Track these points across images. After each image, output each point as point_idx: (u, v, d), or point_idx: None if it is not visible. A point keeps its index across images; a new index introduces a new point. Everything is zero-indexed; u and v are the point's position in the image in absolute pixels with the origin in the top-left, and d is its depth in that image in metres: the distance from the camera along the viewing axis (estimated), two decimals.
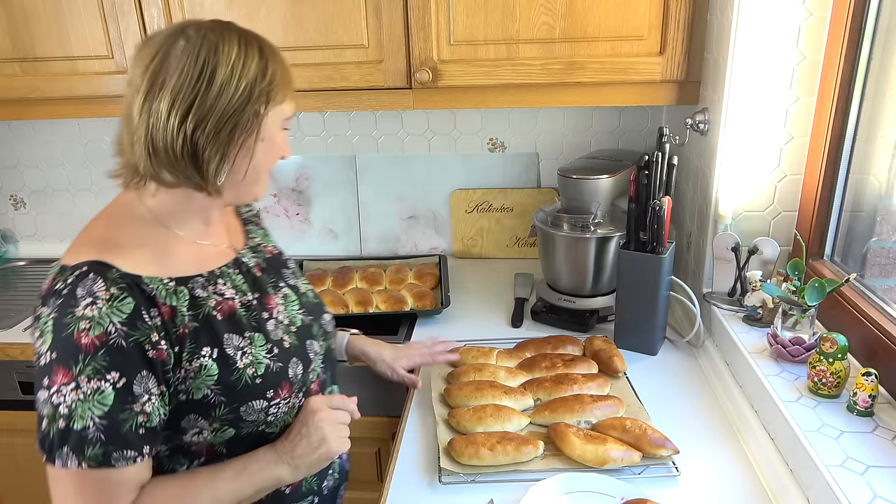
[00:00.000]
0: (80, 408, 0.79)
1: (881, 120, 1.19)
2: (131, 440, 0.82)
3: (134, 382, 0.82)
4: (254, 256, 1.05)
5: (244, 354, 0.92)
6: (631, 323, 1.44)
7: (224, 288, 0.95)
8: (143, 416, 0.83)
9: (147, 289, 0.85)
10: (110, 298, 0.81)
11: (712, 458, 1.12)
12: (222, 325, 0.92)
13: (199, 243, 0.96)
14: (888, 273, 1.20)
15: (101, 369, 0.80)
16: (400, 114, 1.94)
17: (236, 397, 0.90)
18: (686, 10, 1.41)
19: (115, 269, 0.84)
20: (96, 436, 0.79)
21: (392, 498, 1.06)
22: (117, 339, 0.81)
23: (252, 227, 1.14)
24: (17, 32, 1.58)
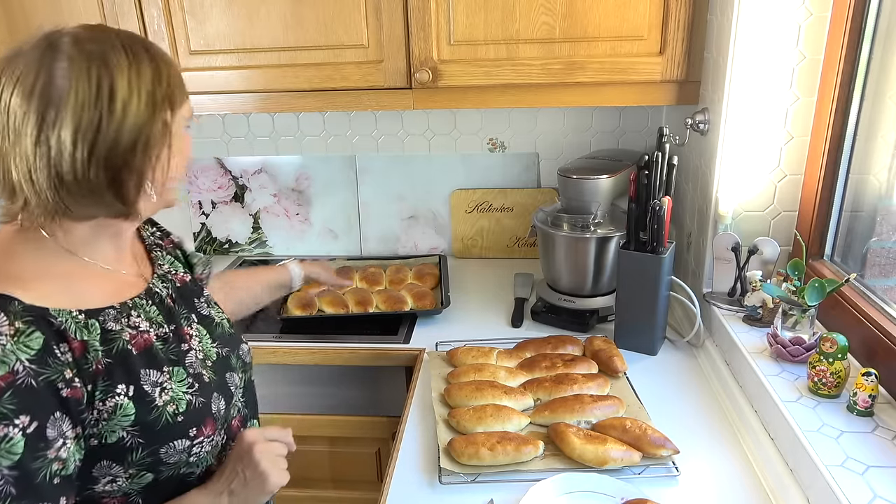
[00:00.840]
0: None
1: (881, 120, 1.19)
2: (46, 492, 0.72)
3: (47, 426, 0.72)
4: (164, 286, 0.95)
5: (163, 391, 0.84)
6: (631, 323, 1.44)
7: (138, 320, 0.86)
8: (59, 462, 0.73)
9: (55, 322, 0.76)
10: (15, 333, 0.72)
11: (712, 458, 1.12)
12: (138, 359, 0.83)
13: (107, 271, 0.87)
14: (888, 273, 1.20)
15: (7, 413, 0.69)
16: (400, 114, 1.94)
17: (156, 438, 0.82)
18: (686, 10, 1.41)
19: (16, 301, 0.74)
20: (6, 490, 0.69)
21: (392, 498, 1.06)
22: (26, 379, 0.71)
23: (158, 253, 1.02)
24: (17, 33, 1.58)
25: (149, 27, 1.55)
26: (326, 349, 1.53)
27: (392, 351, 1.52)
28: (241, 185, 2.06)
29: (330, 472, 1.68)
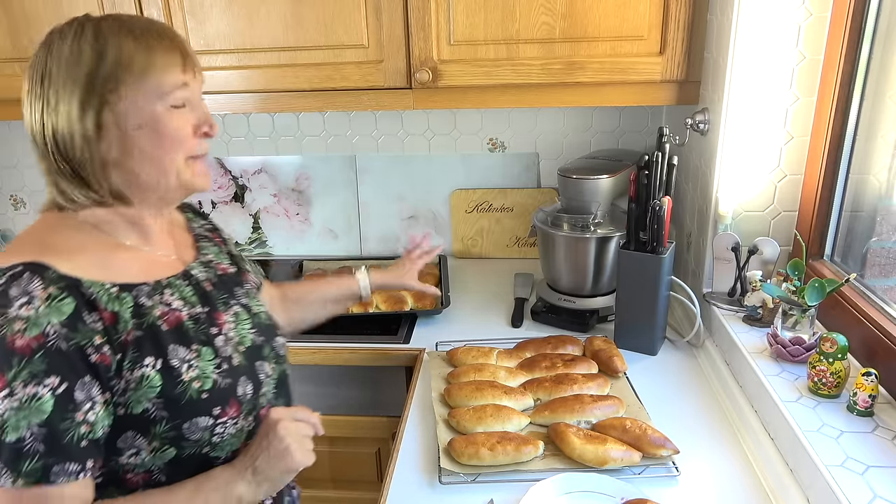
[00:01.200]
0: (15, 417, 0.72)
1: (881, 120, 1.19)
2: (73, 452, 0.74)
3: (75, 388, 0.75)
4: (204, 271, 0.98)
5: (190, 367, 0.85)
6: (631, 323, 1.44)
7: (171, 298, 0.88)
8: (87, 426, 0.76)
9: (87, 292, 0.79)
10: (48, 298, 0.75)
11: (712, 458, 1.12)
12: (168, 335, 0.85)
13: (144, 251, 0.90)
14: (888, 273, 1.20)
15: (38, 374, 0.73)
16: (400, 114, 1.94)
17: (180, 412, 0.83)
18: (686, 10, 1.41)
19: (52, 269, 0.78)
20: (34, 447, 0.72)
21: (392, 498, 1.06)
22: (56, 342, 0.74)
23: (205, 244, 1.05)
24: (18, 33, 1.58)
25: None
26: (326, 349, 1.53)
27: (392, 351, 1.52)
28: (241, 185, 2.06)
29: (330, 472, 1.68)
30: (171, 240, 0.97)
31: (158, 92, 0.82)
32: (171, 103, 0.83)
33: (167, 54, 0.82)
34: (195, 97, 0.87)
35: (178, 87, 0.83)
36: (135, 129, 0.82)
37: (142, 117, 0.82)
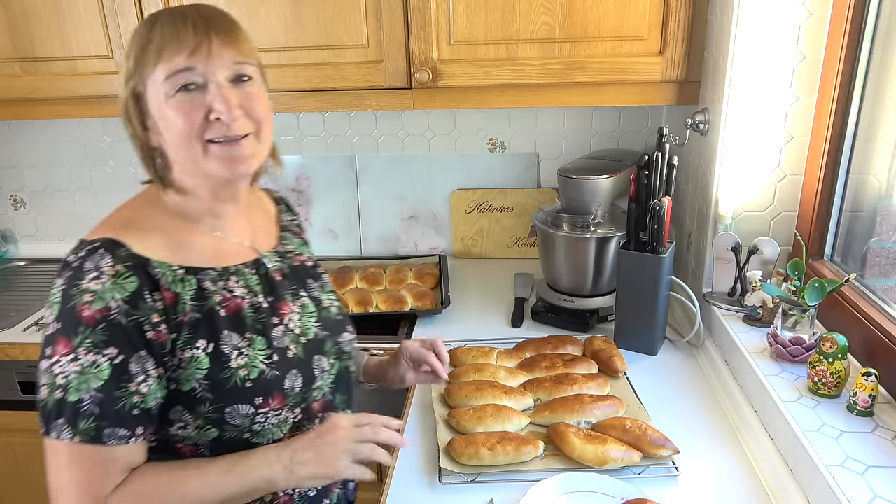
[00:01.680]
0: (77, 380, 0.79)
1: (881, 120, 1.19)
2: (124, 419, 0.81)
3: (131, 361, 0.81)
4: (277, 261, 1.01)
5: (240, 355, 0.89)
6: (631, 323, 1.44)
7: (234, 286, 0.92)
8: (139, 396, 0.82)
9: (153, 272, 0.85)
10: (115, 275, 0.81)
11: (712, 458, 1.12)
12: (224, 321, 0.89)
13: (219, 237, 0.94)
14: (888, 273, 1.20)
15: (99, 343, 0.80)
16: (400, 114, 1.94)
17: (223, 396, 0.87)
18: (686, 10, 1.41)
19: (125, 248, 0.84)
20: (90, 409, 0.79)
21: (392, 498, 1.06)
22: (118, 316, 0.81)
23: (288, 235, 1.09)
24: (18, 33, 1.58)
25: None
26: None
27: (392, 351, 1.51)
28: None
29: None
30: (249, 228, 1.00)
31: (162, 78, 0.84)
32: (175, 87, 0.83)
33: (180, 41, 0.83)
34: (213, 81, 0.84)
35: (178, 72, 0.83)
36: (158, 117, 0.86)
37: (158, 106, 0.85)
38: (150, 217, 0.90)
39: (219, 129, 0.85)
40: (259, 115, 0.89)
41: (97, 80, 1.61)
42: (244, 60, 0.87)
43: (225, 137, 0.86)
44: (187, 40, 0.83)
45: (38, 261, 2.14)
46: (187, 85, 0.83)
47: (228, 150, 0.87)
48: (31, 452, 1.73)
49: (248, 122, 0.88)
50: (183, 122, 0.84)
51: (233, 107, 0.85)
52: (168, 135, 0.86)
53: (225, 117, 0.84)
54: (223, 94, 0.84)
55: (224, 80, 0.85)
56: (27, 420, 1.69)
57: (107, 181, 2.10)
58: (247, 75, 0.87)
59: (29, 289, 1.97)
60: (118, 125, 2.02)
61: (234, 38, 0.86)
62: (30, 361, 1.63)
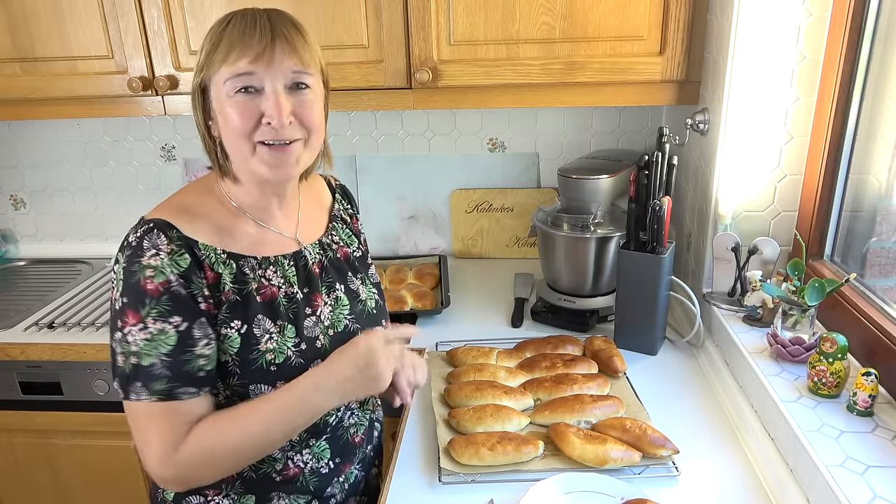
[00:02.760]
0: (148, 347, 0.87)
1: (881, 120, 1.19)
2: (193, 379, 0.90)
3: (194, 327, 0.90)
4: (319, 253, 1.06)
5: (270, 339, 0.95)
6: (631, 323, 1.44)
7: (272, 275, 0.98)
8: (204, 358, 0.91)
9: (199, 253, 0.92)
10: (171, 252, 0.89)
11: (712, 458, 1.12)
12: (259, 306, 0.96)
13: (262, 228, 1.00)
14: (888, 273, 1.20)
15: (165, 312, 0.88)
16: (400, 114, 1.94)
17: (249, 374, 0.94)
18: (686, 10, 1.41)
19: (176, 229, 0.91)
20: (162, 372, 0.88)
21: (392, 498, 1.06)
22: (178, 288, 0.89)
23: (338, 226, 1.14)
24: (18, 32, 1.58)
25: (149, 27, 1.55)
26: None
27: None
28: None
29: None
30: (295, 219, 1.06)
31: (225, 78, 0.90)
32: (235, 89, 0.89)
33: (245, 44, 0.88)
34: (271, 88, 0.90)
35: (238, 75, 0.89)
36: (218, 111, 0.93)
37: (219, 102, 0.92)
38: (201, 203, 0.98)
39: (269, 133, 0.91)
40: (310, 122, 0.94)
41: (97, 80, 1.61)
42: (303, 70, 0.92)
43: (273, 140, 0.92)
44: (252, 46, 0.88)
45: (38, 261, 2.15)
46: (247, 87, 0.90)
47: (275, 153, 0.92)
48: (31, 452, 1.73)
49: (299, 129, 0.93)
50: (238, 122, 0.90)
51: (284, 114, 0.90)
52: (224, 130, 0.93)
53: (275, 123, 0.90)
54: (278, 100, 0.90)
55: (281, 88, 0.91)
56: (27, 420, 1.69)
57: (107, 181, 2.10)
58: (304, 83, 0.93)
59: (29, 289, 1.97)
60: (118, 125, 2.04)
61: (296, 48, 0.91)
62: (30, 361, 1.63)
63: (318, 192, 1.16)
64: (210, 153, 0.98)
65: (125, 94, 1.60)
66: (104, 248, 2.16)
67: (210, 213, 0.97)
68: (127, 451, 1.68)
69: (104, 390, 1.64)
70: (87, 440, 1.70)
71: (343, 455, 1.08)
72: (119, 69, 1.60)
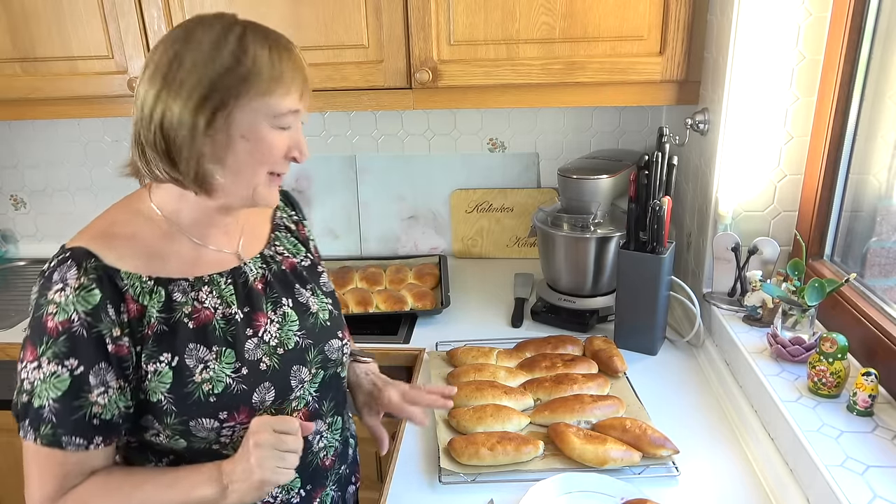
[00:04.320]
0: (40, 387, 0.81)
1: (881, 120, 1.19)
2: (82, 428, 0.82)
3: (90, 373, 0.81)
4: (261, 267, 0.98)
5: (205, 369, 0.87)
6: (631, 323, 1.44)
7: (206, 296, 0.91)
8: (98, 406, 0.82)
9: (121, 284, 0.84)
10: (79, 287, 0.81)
11: (712, 458, 1.12)
12: (191, 333, 0.88)
13: (198, 245, 0.92)
14: (888, 273, 1.20)
15: (60, 354, 0.80)
16: (400, 114, 1.94)
17: (186, 410, 0.86)
18: (686, 10, 1.41)
19: (95, 258, 0.83)
20: (49, 417, 0.81)
21: (392, 498, 1.06)
22: (79, 328, 0.81)
23: (281, 235, 1.06)
24: (18, 32, 1.58)
25: (149, 27, 1.55)
26: None
27: (392, 351, 1.52)
28: None
29: None
30: (239, 233, 0.98)
31: (273, 112, 0.84)
32: (279, 125, 0.86)
33: (292, 81, 0.85)
34: (297, 122, 0.89)
35: (290, 113, 0.86)
36: (240, 137, 0.84)
37: (249, 129, 0.84)
38: (129, 223, 0.89)
39: (285, 167, 0.90)
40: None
41: (97, 80, 1.61)
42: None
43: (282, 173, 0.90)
44: (298, 82, 0.86)
45: (38, 261, 2.15)
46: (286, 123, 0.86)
47: (276, 183, 0.91)
48: None
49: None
50: (272, 155, 0.86)
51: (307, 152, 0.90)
52: (245, 156, 0.85)
53: (301, 159, 0.89)
54: (302, 136, 0.90)
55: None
56: None
57: (107, 181, 2.10)
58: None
59: (29, 289, 1.95)
60: (118, 125, 2.04)
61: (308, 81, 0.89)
62: None
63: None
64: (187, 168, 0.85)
65: (125, 94, 1.60)
66: None
67: (138, 233, 0.89)
68: None
69: None
70: None
71: (314, 481, 1.02)
72: (119, 69, 1.60)
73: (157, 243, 0.89)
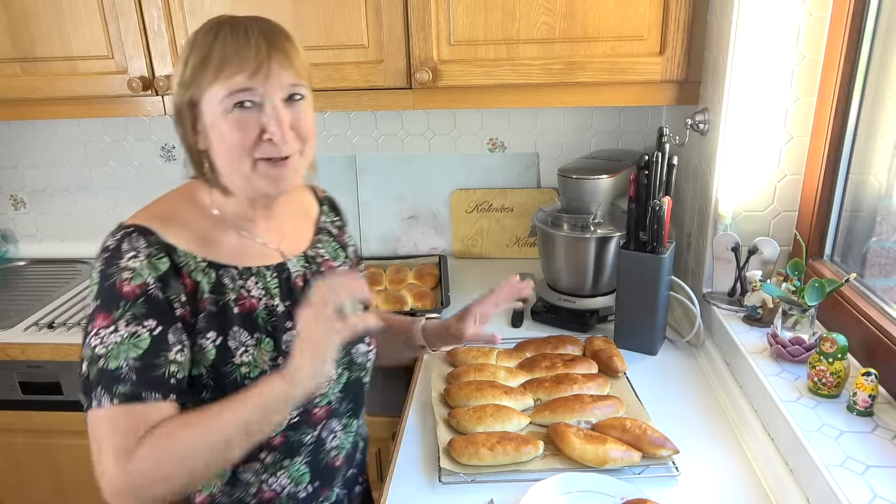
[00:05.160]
0: (116, 350, 0.83)
1: (881, 120, 1.19)
2: (161, 384, 0.85)
3: (169, 332, 0.86)
4: (304, 266, 1.03)
5: (245, 352, 0.92)
6: (631, 323, 1.44)
7: (252, 286, 0.95)
8: (175, 364, 0.87)
9: (178, 259, 0.90)
10: (149, 255, 0.87)
11: (712, 458, 1.12)
12: (236, 318, 0.92)
13: (244, 237, 0.98)
14: (888, 273, 1.20)
15: (139, 315, 0.85)
16: (400, 114, 1.94)
17: (222, 388, 0.90)
18: (686, 10, 1.41)
19: (156, 235, 0.89)
20: (128, 376, 0.83)
21: (392, 498, 1.06)
22: (155, 291, 0.86)
23: (324, 238, 1.11)
24: (18, 32, 1.58)
25: (149, 27, 1.55)
26: None
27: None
28: None
29: None
30: (280, 230, 1.02)
31: (221, 95, 0.86)
32: (229, 106, 0.86)
33: (241, 60, 0.85)
34: (269, 102, 0.88)
35: (239, 92, 0.86)
36: (210, 128, 0.89)
37: (212, 118, 0.88)
38: (181, 211, 0.95)
39: (269, 150, 0.89)
40: (306, 132, 0.92)
41: (97, 80, 1.61)
42: (299, 82, 0.90)
43: (275, 156, 0.89)
44: (248, 60, 0.85)
45: (38, 261, 2.15)
46: (243, 102, 0.87)
47: (276, 168, 0.90)
48: (31, 452, 1.73)
49: (296, 141, 0.91)
50: (237, 138, 0.87)
51: (285, 129, 0.89)
52: (220, 146, 0.89)
53: (277, 139, 0.88)
54: (278, 115, 0.88)
55: (279, 102, 0.88)
56: (27, 420, 1.69)
57: (107, 181, 2.10)
58: (299, 94, 0.91)
59: (29, 289, 1.97)
60: (118, 125, 2.04)
61: (291, 60, 0.89)
62: (30, 361, 1.63)
63: (305, 203, 1.14)
64: (196, 165, 0.93)
65: (125, 94, 1.60)
66: None
67: (190, 221, 0.94)
68: None
69: None
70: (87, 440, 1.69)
71: (323, 478, 1.05)
72: (119, 69, 1.60)
73: (208, 231, 0.95)
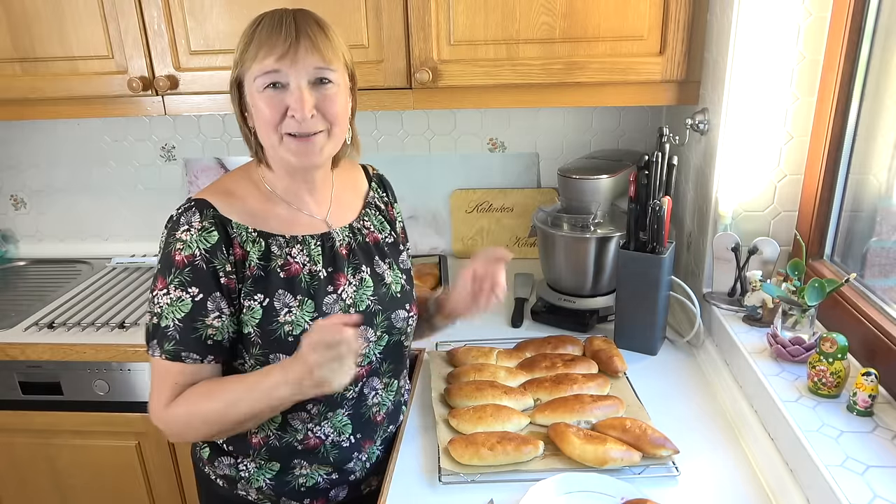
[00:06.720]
0: (167, 310, 0.99)
1: (881, 120, 1.19)
2: (198, 345, 1.00)
3: (209, 299, 1.00)
4: (348, 236, 1.14)
5: (289, 312, 1.03)
6: (631, 323, 1.44)
7: (297, 253, 1.07)
8: (213, 329, 1.00)
9: (231, 231, 1.03)
10: (201, 229, 1.00)
11: (712, 458, 1.12)
12: (281, 282, 1.04)
13: (293, 209, 1.10)
14: (888, 273, 1.20)
15: (185, 282, 0.99)
16: (400, 114, 1.94)
17: (269, 345, 1.03)
18: (686, 10, 1.41)
19: (213, 209, 1.02)
20: (173, 334, 0.99)
21: (392, 498, 1.06)
22: (200, 262, 0.99)
23: (371, 211, 1.21)
24: (18, 32, 1.58)
25: (149, 27, 1.55)
26: None
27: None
28: None
29: None
30: (327, 203, 1.14)
31: (255, 75, 0.98)
32: (261, 86, 0.98)
33: (273, 44, 0.96)
34: (295, 83, 0.98)
35: (265, 73, 0.97)
36: (251, 104, 1.02)
37: (252, 96, 1.01)
38: (240, 187, 1.08)
39: (293, 126, 1.00)
40: (332, 115, 1.02)
41: (97, 80, 1.61)
42: (325, 66, 0.99)
43: (298, 133, 1.00)
44: (278, 45, 0.96)
45: (38, 261, 2.15)
46: (274, 83, 0.98)
47: (300, 144, 1.01)
48: (31, 452, 1.73)
49: (322, 121, 1.01)
50: (267, 115, 0.99)
51: (307, 108, 0.98)
52: (257, 121, 1.02)
53: (298, 116, 0.98)
54: (301, 95, 0.98)
55: (305, 83, 0.99)
56: (27, 420, 1.69)
57: (107, 181, 2.10)
58: (327, 78, 1.00)
59: (29, 289, 1.97)
60: (118, 125, 2.04)
61: (318, 46, 0.98)
62: (30, 361, 1.63)
63: (355, 179, 1.24)
64: (247, 141, 1.07)
65: (125, 94, 1.60)
66: (104, 248, 2.17)
67: (246, 195, 1.07)
68: (127, 451, 1.68)
69: (104, 390, 1.64)
70: (87, 440, 1.70)
71: (364, 431, 1.15)
72: (119, 69, 1.60)
73: (260, 205, 1.08)
